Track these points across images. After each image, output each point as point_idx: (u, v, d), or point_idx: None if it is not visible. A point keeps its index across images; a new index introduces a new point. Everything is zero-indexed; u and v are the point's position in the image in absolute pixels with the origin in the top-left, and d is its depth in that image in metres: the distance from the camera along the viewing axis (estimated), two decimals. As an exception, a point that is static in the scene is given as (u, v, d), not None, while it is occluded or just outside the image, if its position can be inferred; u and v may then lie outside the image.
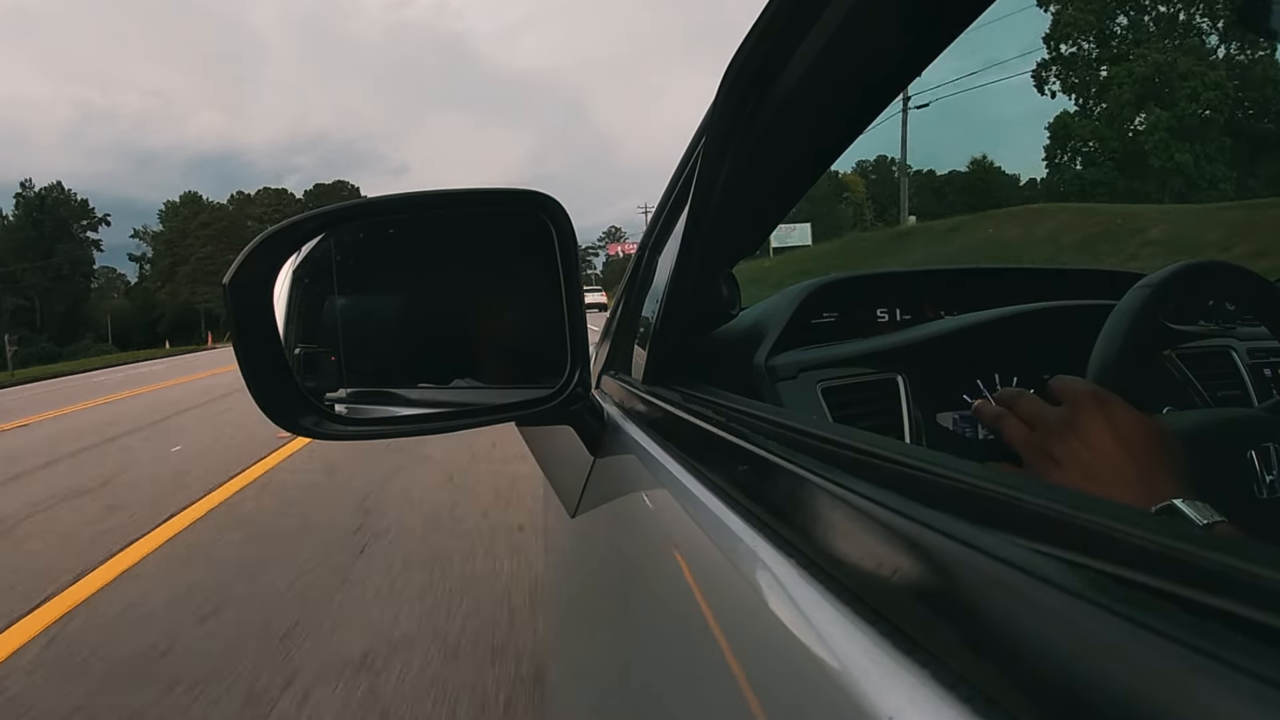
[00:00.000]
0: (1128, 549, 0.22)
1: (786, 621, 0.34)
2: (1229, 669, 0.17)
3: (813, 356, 0.95)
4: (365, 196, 20.37)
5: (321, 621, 2.71)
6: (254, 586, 3.13)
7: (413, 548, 3.49)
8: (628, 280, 1.10)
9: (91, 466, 6.18)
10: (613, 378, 1.04)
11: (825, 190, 30.93)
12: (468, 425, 0.78)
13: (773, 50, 0.58)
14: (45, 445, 7.60)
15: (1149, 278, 0.70)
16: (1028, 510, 0.27)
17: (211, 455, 6.25)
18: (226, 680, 2.31)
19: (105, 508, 4.69)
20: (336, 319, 0.84)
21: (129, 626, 2.81)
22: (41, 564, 3.64)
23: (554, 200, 0.78)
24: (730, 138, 0.67)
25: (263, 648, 2.52)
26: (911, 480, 0.33)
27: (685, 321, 0.83)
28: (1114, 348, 0.62)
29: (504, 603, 2.73)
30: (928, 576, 0.27)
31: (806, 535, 0.36)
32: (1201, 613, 0.19)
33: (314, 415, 0.74)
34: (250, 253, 0.70)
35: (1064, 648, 0.21)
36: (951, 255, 16.27)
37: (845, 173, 31.80)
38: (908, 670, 0.25)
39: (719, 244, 0.79)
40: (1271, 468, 0.64)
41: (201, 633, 2.70)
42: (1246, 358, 1.03)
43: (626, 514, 0.72)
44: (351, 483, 4.90)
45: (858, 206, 31.39)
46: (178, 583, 3.24)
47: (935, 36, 0.57)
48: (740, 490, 0.46)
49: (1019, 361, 1.00)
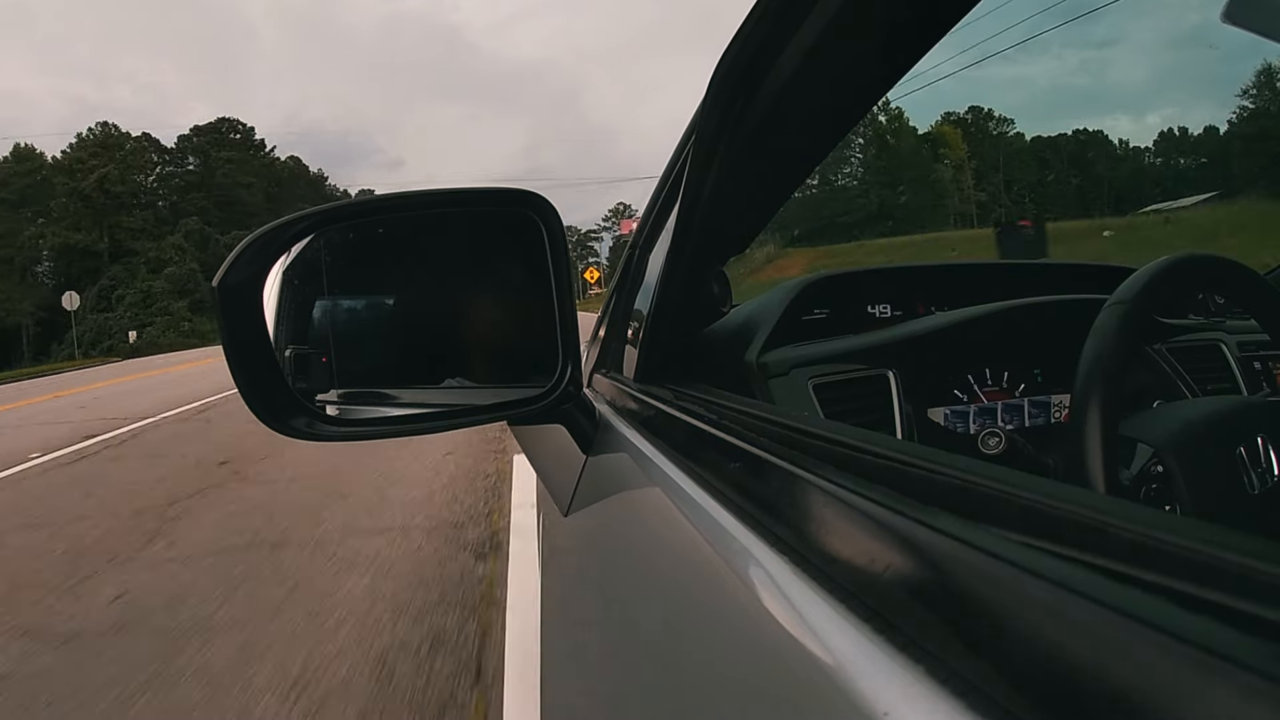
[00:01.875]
0: (1120, 543, 0.22)
1: (780, 618, 0.34)
2: (1222, 662, 0.17)
3: (804, 353, 0.95)
4: (369, 193, 20.17)
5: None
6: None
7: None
8: (618, 279, 1.10)
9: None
10: (604, 376, 1.04)
11: (912, 144, 25.26)
12: (459, 425, 0.78)
13: (761, 48, 0.58)
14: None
15: (1124, 289, 0.69)
16: (1020, 505, 0.27)
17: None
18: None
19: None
20: (327, 320, 0.83)
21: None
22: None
23: (543, 198, 0.78)
24: (720, 136, 0.67)
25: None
26: (903, 476, 0.33)
27: (676, 319, 0.83)
28: (1095, 372, 0.62)
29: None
30: (921, 572, 0.27)
31: (799, 532, 0.36)
32: (1194, 606, 0.19)
33: (305, 417, 0.73)
34: (239, 254, 0.69)
35: (1057, 642, 0.21)
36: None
37: (939, 124, 24.58)
38: (902, 666, 0.25)
39: (709, 242, 0.79)
40: (1261, 461, 0.64)
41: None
42: (1236, 351, 1.04)
43: (619, 512, 0.72)
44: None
45: (957, 169, 24.30)
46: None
47: (923, 35, 0.57)
48: (733, 487, 0.46)
49: (1010, 357, 1.01)
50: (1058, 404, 1.02)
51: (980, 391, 1.00)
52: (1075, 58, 23.87)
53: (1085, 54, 15.84)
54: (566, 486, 0.94)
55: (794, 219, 11.94)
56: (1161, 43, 21.68)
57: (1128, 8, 14.20)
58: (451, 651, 2.46)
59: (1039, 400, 1.02)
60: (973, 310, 1.01)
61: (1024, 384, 1.02)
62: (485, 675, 2.30)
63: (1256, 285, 0.78)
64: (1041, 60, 30.35)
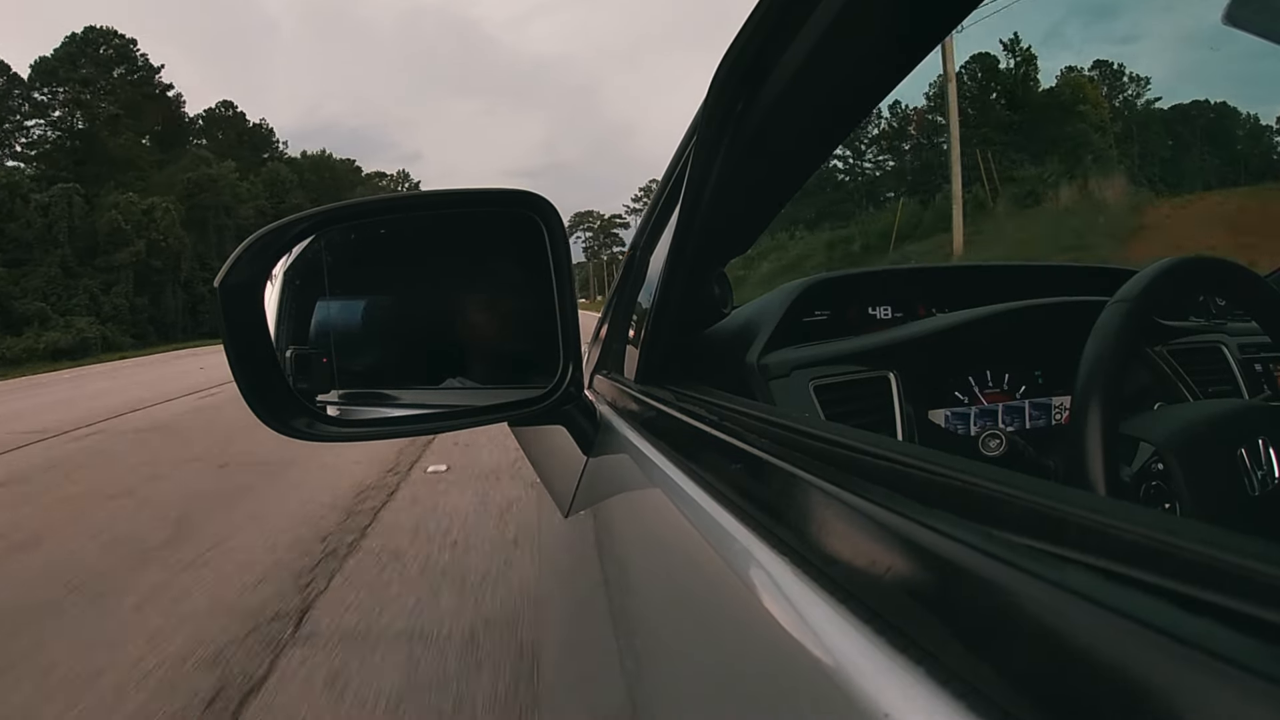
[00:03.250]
0: (1120, 545, 0.22)
1: (781, 620, 0.34)
2: (1222, 663, 0.17)
3: (805, 355, 0.95)
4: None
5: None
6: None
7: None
8: (620, 280, 1.10)
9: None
10: (605, 377, 1.04)
11: (1043, 100, 21.83)
12: (460, 426, 0.78)
13: (763, 49, 0.58)
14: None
15: (1126, 289, 0.69)
16: (1021, 506, 0.27)
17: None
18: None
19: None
20: (328, 321, 0.83)
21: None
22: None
23: (544, 200, 0.78)
24: (721, 137, 0.67)
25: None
26: (904, 477, 0.33)
27: (677, 321, 0.83)
28: (1097, 370, 0.62)
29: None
30: (922, 573, 0.27)
31: (800, 533, 0.36)
32: (1194, 608, 0.19)
33: (306, 417, 0.73)
34: (240, 255, 0.69)
35: (1058, 644, 0.21)
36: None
37: (1081, 78, 19.94)
38: (903, 667, 0.25)
39: (711, 243, 0.79)
40: (1261, 463, 0.64)
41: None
42: (1237, 353, 1.04)
43: (620, 513, 0.72)
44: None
45: (1101, 130, 20.16)
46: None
47: (924, 35, 0.57)
48: (733, 489, 0.46)
49: (1011, 358, 1.01)
50: (1058, 406, 1.01)
51: (981, 393, 1.00)
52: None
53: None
54: (567, 487, 0.94)
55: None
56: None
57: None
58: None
59: (1040, 402, 1.02)
60: (973, 312, 1.01)
61: (1025, 386, 1.02)
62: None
63: (1258, 287, 0.78)
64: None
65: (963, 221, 13.81)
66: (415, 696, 2.13)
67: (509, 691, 2.11)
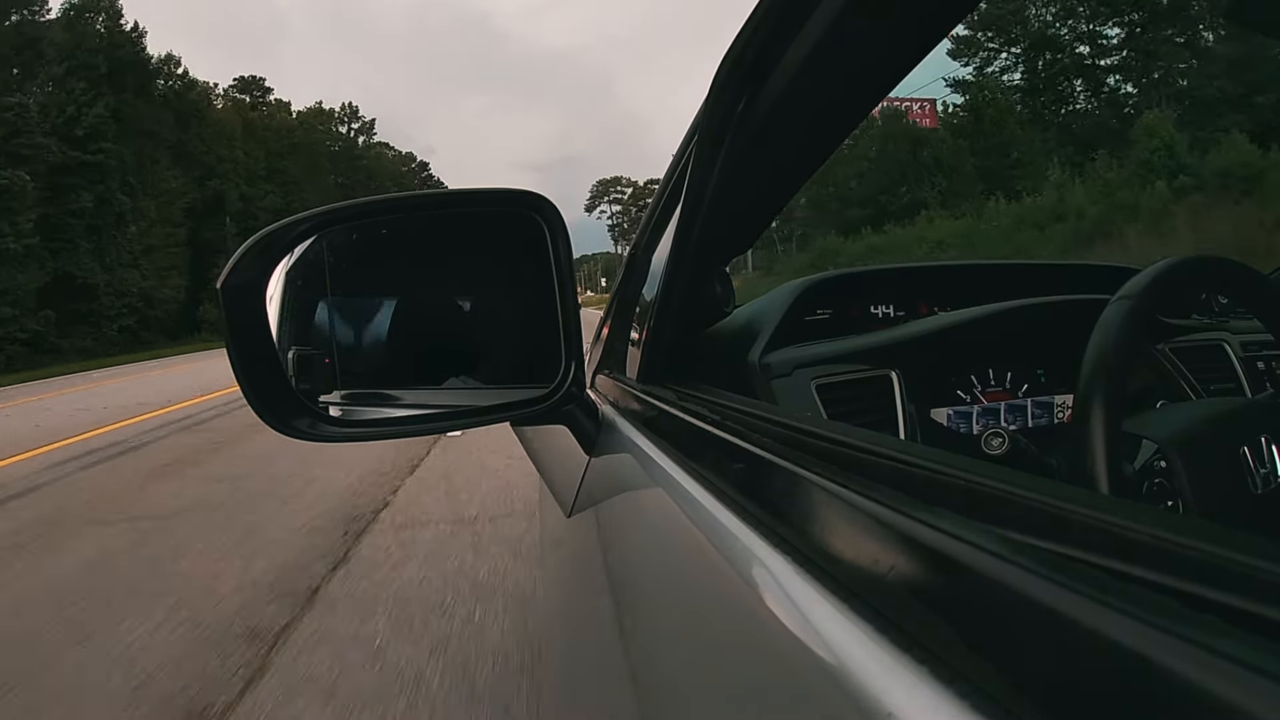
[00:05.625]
0: (1123, 543, 0.22)
1: (784, 619, 0.34)
2: (1225, 662, 0.17)
3: (807, 354, 0.95)
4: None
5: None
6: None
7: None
8: (621, 279, 1.10)
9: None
10: (607, 377, 1.04)
11: (1101, 115, 20.33)
12: (462, 426, 0.78)
13: (765, 48, 0.58)
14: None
15: (1129, 287, 0.69)
16: (1023, 505, 0.27)
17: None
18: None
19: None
20: (330, 321, 0.84)
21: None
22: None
23: (546, 200, 0.78)
24: (722, 136, 0.67)
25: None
26: (907, 477, 0.33)
27: (679, 320, 0.83)
28: (1100, 364, 0.62)
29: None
30: (925, 573, 0.27)
31: (802, 533, 0.36)
32: (1197, 606, 0.19)
33: (308, 417, 0.74)
34: (242, 255, 0.70)
35: (1061, 642, 0.21)
36: None
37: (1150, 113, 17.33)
38: (906, 667, 0.25)
39: (712, 242, 0.79)
40: (1264, 461, 0.64)
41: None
42: (1240, 351, 1.04)
43: (622, 513, 0.72)
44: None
45: (1166, 148, 16.72)
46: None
47: (926, 33, 0.57)
48: (736, 488, 0.46)
49: (1013, 357, 1.01)
50: (1061, 404, 1.01)
51: (983, 392, 1.00)
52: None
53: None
54: (569, 487, 0.94)
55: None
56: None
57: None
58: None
59: (1042, 401, 1.01)
60: (976, 311, 1.01)
61: (1027, 384, 1.02)
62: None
63: (1260, 286, 0.77)
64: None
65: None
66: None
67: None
